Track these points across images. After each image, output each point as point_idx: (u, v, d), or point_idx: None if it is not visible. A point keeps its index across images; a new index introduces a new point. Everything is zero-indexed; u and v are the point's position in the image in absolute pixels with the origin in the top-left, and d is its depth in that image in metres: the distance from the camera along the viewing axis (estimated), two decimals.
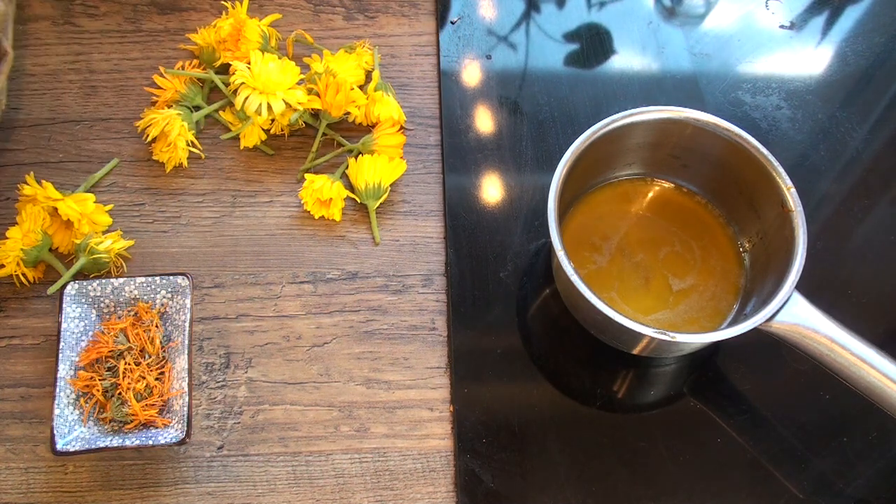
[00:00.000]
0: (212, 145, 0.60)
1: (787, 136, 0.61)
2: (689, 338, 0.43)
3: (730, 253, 0.53)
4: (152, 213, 0.57)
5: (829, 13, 0.69)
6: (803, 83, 0.64)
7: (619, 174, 0.55)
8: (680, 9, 0.69)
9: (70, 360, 0.47)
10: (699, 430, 0.50)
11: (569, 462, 0.48)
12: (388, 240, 0.56)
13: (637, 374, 0.52)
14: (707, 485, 0.48)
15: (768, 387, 0.51)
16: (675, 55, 0.65)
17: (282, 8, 0.66)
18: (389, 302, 0.54)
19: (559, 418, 0.50)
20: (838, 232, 0.57)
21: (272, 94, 0.55)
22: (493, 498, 0.47)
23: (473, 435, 0.49)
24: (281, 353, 0.52)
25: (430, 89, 0.63)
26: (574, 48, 0.66)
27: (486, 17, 0.67)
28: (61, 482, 0.47)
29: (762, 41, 0.67)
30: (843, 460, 0.49)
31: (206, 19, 0.65)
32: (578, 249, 0.53)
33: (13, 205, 0.55)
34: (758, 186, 0.50)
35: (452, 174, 0.58)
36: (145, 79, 0.62)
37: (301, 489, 0.47)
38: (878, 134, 0.62)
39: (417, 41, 0.65)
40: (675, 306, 0.51)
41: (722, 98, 0.63)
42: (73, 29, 0.65)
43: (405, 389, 0.51)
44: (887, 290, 0.55)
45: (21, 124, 0.60)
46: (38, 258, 0.52)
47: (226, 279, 0.54)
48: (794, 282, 0.44)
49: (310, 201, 0.55)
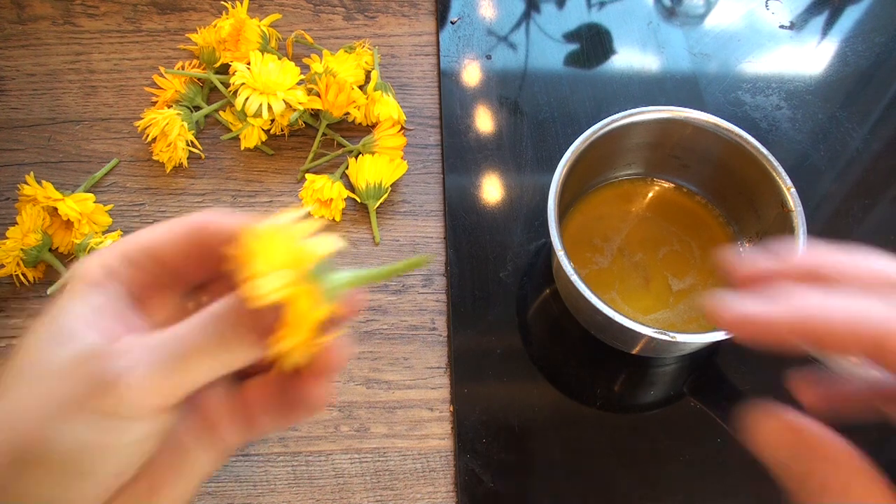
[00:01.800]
0: (212, 145, 0.60)
1: (787, 136, 0.61)
2: (689, 338, 0.43)
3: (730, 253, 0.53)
4: (152, 213, 0.57)
5: (829, 13, 0.69)
6: (803, 83, 0.64)
7: (619, 174, 0.55)
8: (680, 9, 0.69)
9: None
10: (699, 430, 0.50)
11: (569, 462, 0.48)
12: (388, 240, 0.56)
13: (637, 374, 0.52)
14: (707, 485, 0.48)
15: (768, 387, 0.51)
16: (675, 55, 0.65)
17: (282, 8, 0.66)
18: (389, 302, 0.54)
19: (559, 418, 0.50)
20: (838, 232, 0.57)
21: (272, 95, 0.55)
22: (493, 498, 0.47)
23: (473, 435, 0.49)
24: None
25: (430, 89, 0.63)
26: (574, 48, 0.66)
27: (486, 17, 0.67)
28: None
29: (762, 41, 0.67)
30: None
31: (206, 19, 0.65)
32: (578, 249, 0.53)
33: (13, 205, 0.55)
34: (758, 186, 0.50)
35: (452, 174, 0.58)
36: (145, 79, 0.62)
37: (301, 489, 0.47)
38: (878, 134, 0.62)
39: (417, 41, 0.65)
40: (674, 306, 0.51)
41: (722, 98, 0.63)
42: (73, 29, 0.65)
43: (405, 389, 0.51)
44: None
45: (21, 124, 0.60)
46: (38, 258, 0.52)
47: None
48: None
49: (310, 201, 0.55)
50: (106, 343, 0.22)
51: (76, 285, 0.24)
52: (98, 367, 0.21)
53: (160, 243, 0.25)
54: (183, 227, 0.25)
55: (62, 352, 0.22)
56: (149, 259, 0.25)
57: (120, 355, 0.21)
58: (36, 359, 0.22)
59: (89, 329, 0.22)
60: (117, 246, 0.25)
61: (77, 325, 0.22)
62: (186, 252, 0.25)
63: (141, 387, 0.21)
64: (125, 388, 0.21)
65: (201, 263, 0.25)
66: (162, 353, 0.22)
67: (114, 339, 0.22)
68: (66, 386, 0.21)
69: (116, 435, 0.21)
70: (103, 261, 0.24)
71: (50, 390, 0.21)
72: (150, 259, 0.25)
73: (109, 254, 0.24)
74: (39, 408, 0.21)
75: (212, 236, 0.25)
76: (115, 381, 0.21)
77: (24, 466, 0.21)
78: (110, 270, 0.24)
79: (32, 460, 0.21)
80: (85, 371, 0.21)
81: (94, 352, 0.21)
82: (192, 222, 0.25)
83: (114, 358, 0.21)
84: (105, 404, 0.21)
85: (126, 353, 0.21)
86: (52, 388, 0.21)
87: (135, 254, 0.25)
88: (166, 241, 0.25)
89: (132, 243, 0.25)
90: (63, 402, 0.21)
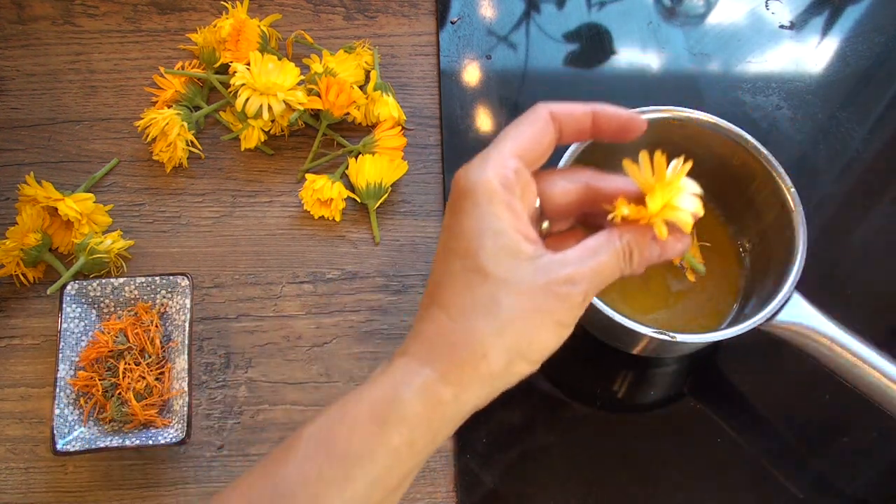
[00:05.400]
0: (212, 145, 0.60)
1: (787, 136, 0.61)
2: (689, 338, 0.43)
3: (730, 253, 0.53)
4: (152, 213, 0.57)
5: (829, 13, 0.69)
6: (803, 83, 0.64)
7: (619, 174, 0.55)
8: (680, 9, 0.69)
9: (70, 360, 0.47)
10: (699, 430, 0.50)
11: (569, 462, 0.48)
12: (388, 240, 0.56)
13: (637, 374, 0.52)
14: (707, 485, 0.48)
15: (768, 387, 0.51)
16: (675, 55, 0.65)
17: (282, 8, 0.66)
18: (389, 302, 0.54)
19: (559, 418, 0.50)
20: (838, 232, 0.57)
21: (272, 96, 0.55)
22: (493, 498, 0.47)
23: (473, 435, 0.49)
24: (281, 353, 0.52)
25: (430, 89, 0.63)
26: (574, 48, 0.66)
27: (486, 17, 0.67)
28: (61, 482, 0.47)
29: (762, 41, 0.67)
30: (843, 460, 0.49)
31: (206, 19, 0.65)
32: None
33: (13, 205, 0.55)
34: (758, 186, 0.50)
35: (452, 174, 0.58)
36: (145, 79, 0.62)
37: None
38: (878, 134, 0.62)
39: (417, 41, 0.65)
40: (674, 306, 0.51)
41: (722, 98, 0.63)
42: (73, 29, 0.65)
43: None
44: (887, 290, 0.55)
45: (21, 124, 0.60)
46: (38, 258, 0.52)
47: (226, 279, 0.54)
48: (794, 282, 0.44)
49: (310, 201, 0.55)
50: (551, 261, 0.29)
51: (482, 196, 0.29)
52: (567, 291, 0.28)
53: (553, 192, 0.31)
54: (576, 185, 0.32)
55: (526, 267, 0.28)
56: (532, 193, 0.31)
57: (577, 282, 0.28)
58: (497, 264, 0.28)
59: (524, 240, 0.29)
60: (509, 163, 0.30)
61: (514, 236, 0.28)
62: (571, 200, 0.32)
63: (585, 306, 0.29)
64: (580, 309, 0.29)
65: (578, 207, 0.32)
66: (598, 282, 0.29)
67: (540, 250, 0.29)
68: (548, 302, 0.28)
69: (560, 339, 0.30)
70: (501, 173, 0.29)
71: (533, 303, 0.28)
72: (533, 193, 0.31)
73: (503, 169, 0.29)
74: (526, 316, 0.28)
75: (598, 193, 0.31)
76: (581, 304, 0.29)
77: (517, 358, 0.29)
78: (508, 182, 0.29)
79: None
80: (561, 292, 0.28)
81: (567, 277, 0.28)
82: (588, 180, 0.32)
83: (577, 283, 0.28)
84: (569, 318, 0.29)
85: (580, 282, 0.29)
86: (534, 300, 0.28)
87: (524, 178, 0.30)
88: (557, 192, 0.31)
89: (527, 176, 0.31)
90: (544, 314, 0.28)
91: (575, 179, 0.32)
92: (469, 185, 0.29)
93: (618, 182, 0.32)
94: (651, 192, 0.30)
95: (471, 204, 0.29)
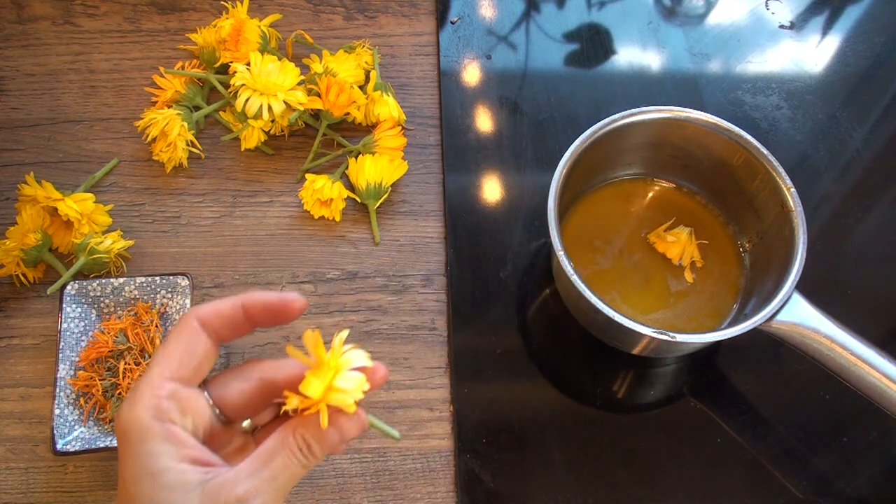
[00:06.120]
0: (212, 145, 0.60)
1: (787, 136, 0.61)
2: (689, 338, 0.43)
3: (730, 253, 0.53)
4: (152, 213, 0.57)
5: (829, 13, 0.69)
6: (803, 83, 0.64)
7: (619, 174, 0.55)
8: (680, 9, 0.69)
9: (70, 360, 0.47)
10: (699, 430, 0.50)
11: (569, 462, 0.48)
12: (388, 240, 0.56)
13: (637, 374, 0.52)
14: (707, 485, 0.48)
15: (768, 387, 0.51)
16: (675, 55, 0.65)
17: (282, 8, 0.66)
18: (389, 302, 0.54)
19: (559, 418, 0.50)
20: (838, 232, 0.57)
21: (272, 96, 0.55)
22: (493, 498, 0.47)
23: (473, 435, 0.49)
24: (281, 353, 0.52)
25: (430, 89, 0.63)
26: (574, 48, 0.66)
27: (486, 17, 0.67)
28: (61, 482, 0.47)
29: (762, 41, 0.67)
30: (843, 460, 0.49)
31: (206, 19, 0.65)
32: (578, 249, 0.53)
33: (13, 205, 0.55)
34: (758, 186, 0.50)
35: (452, 174, 0.58)
36: (145, 79, 0.62)
37: (301, 489, 0.47)
38: (878, 134, 0.62)
39: (417, 41, 0.65)
40: (674, 306, 0.51)
41: (722, 98, 0.63)
42: (73, 29, 0.65)
43: (405, 389, 0.51)
44: (887, 290, 0.55)
45: (21, 124, 0.60)
46: (38, 258, 0.52)
47: (226, 279, 0.54)
48: (794, 282, 0.44)
49: (310, 201, 0.55)
50: (224, 482, 0.27)
51: (134, 437, 0.27)
52: (227, 499, 0.27)
53: (229, 396, 0.30)
54: (251, 383, 0.31)
55: (193, 500, 0.27)
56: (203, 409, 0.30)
57: (251, 499, 0.27)
58: None
59: (191, 469, 0.27)
60: (160, 390, 0.28)
61: (177, 468, 0.27)
62: (250, 398, 0.31)
63: None
64: None
65: (256, 405, 0.31)
66: (278, 487, 0.28)
67: (212, 471, 0.28)
68: None
69: None
70: (152, 404, 0.28)
71: None
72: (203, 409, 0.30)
73: (153, 399, 0.28)
74: None
75: (275, 385, 0.30)
76: None
77: None
78: (161, 412, 0.28)
79: None
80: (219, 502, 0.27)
81: (238, 498, 0.27)
82: (261, 375, 0.31)
83: (252, 500, 0.27)
84: None
85: (256, 497, 0.27)
86: None
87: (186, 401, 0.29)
88: (233, 395, 0.30)
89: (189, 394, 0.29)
90: None
91: (249, 377, 0.31)
92: (123, 427, 0.28)
93: (292, 369, 0.31)
94: (312, 377, 0.28)
95: (126, 449, 0.28)
